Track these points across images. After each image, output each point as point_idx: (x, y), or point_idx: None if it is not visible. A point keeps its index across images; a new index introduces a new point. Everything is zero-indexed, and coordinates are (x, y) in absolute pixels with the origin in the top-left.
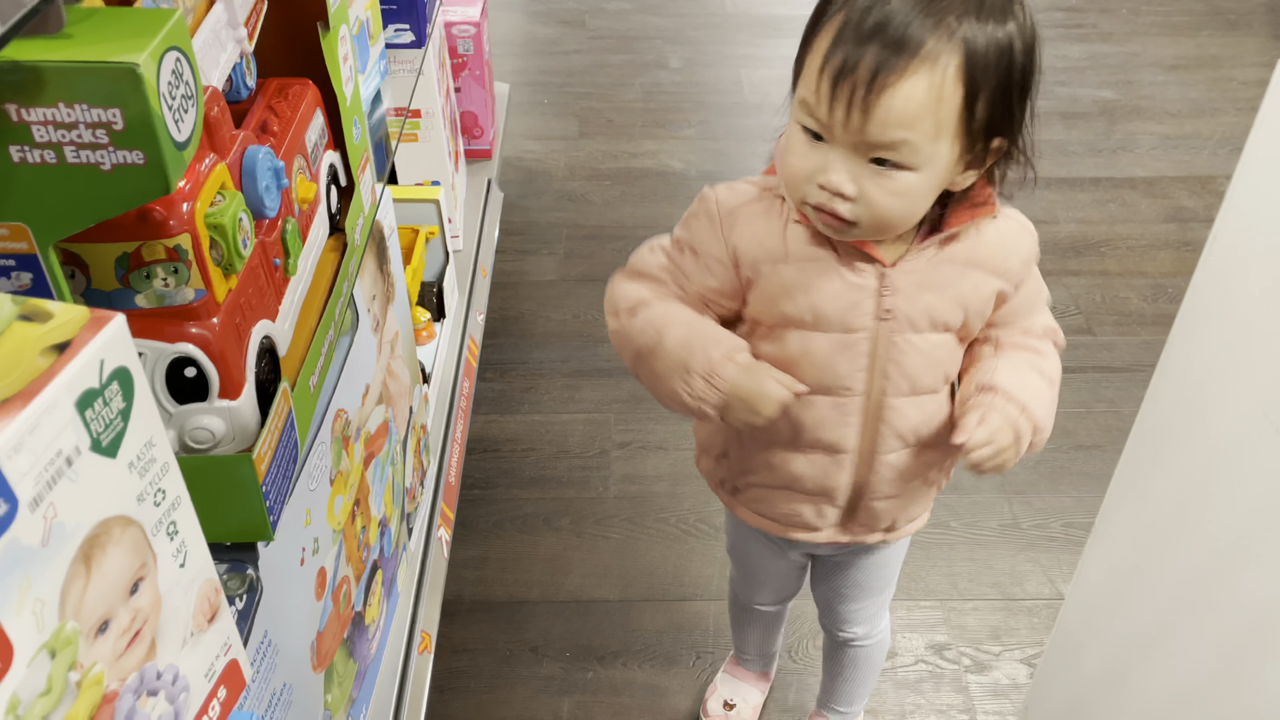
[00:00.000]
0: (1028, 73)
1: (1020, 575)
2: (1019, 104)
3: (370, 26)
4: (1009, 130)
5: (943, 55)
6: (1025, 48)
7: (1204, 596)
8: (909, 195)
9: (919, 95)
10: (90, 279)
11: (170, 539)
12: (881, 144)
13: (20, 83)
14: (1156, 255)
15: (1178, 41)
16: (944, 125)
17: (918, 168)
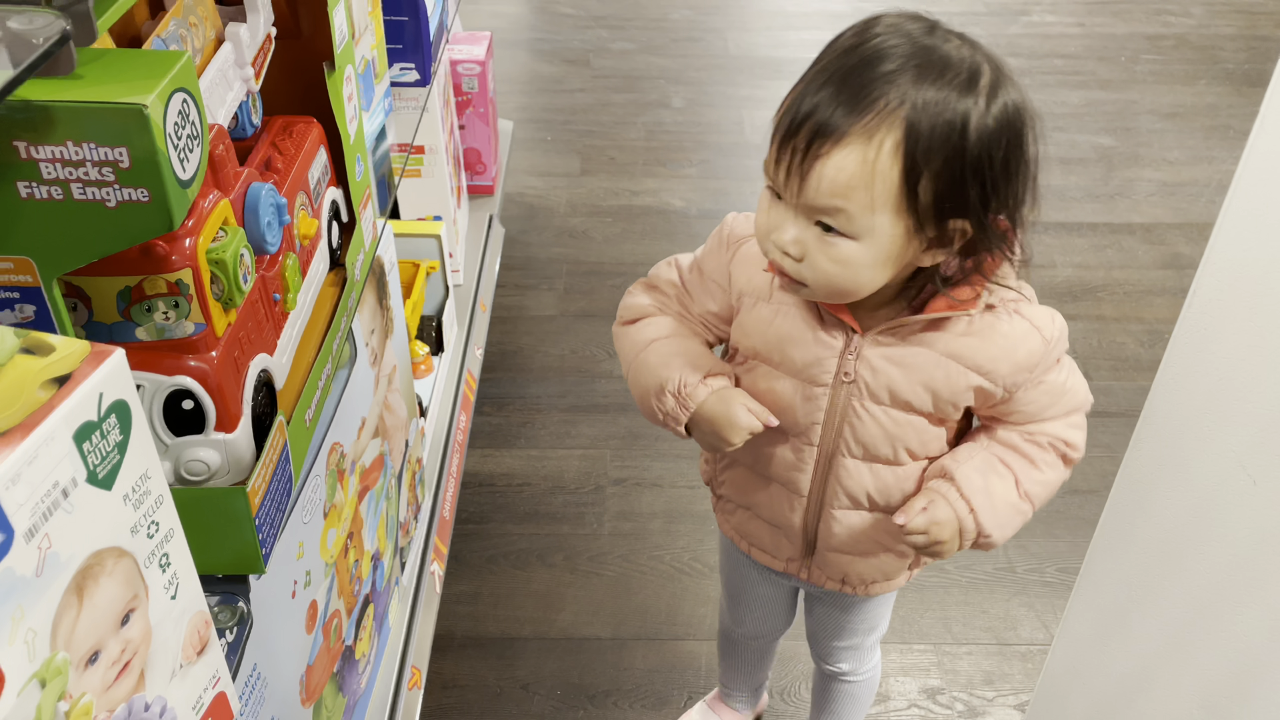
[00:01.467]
0: (989, 155)
1: (1014, 620)
2: (976, 187)
3: (376, 65)
4: (967, 213)
5: (880, 129)
6: (987, 130)
7: (1186, 643)
8: (851, 264)
9: (851, 167)
10: (92, 311)
11: (162, 571)
12: (819, 209)
13: (30, 121)
14: (1153, 301)
15: (1175, 90)
16: (880, 199)
17: (858, 237)
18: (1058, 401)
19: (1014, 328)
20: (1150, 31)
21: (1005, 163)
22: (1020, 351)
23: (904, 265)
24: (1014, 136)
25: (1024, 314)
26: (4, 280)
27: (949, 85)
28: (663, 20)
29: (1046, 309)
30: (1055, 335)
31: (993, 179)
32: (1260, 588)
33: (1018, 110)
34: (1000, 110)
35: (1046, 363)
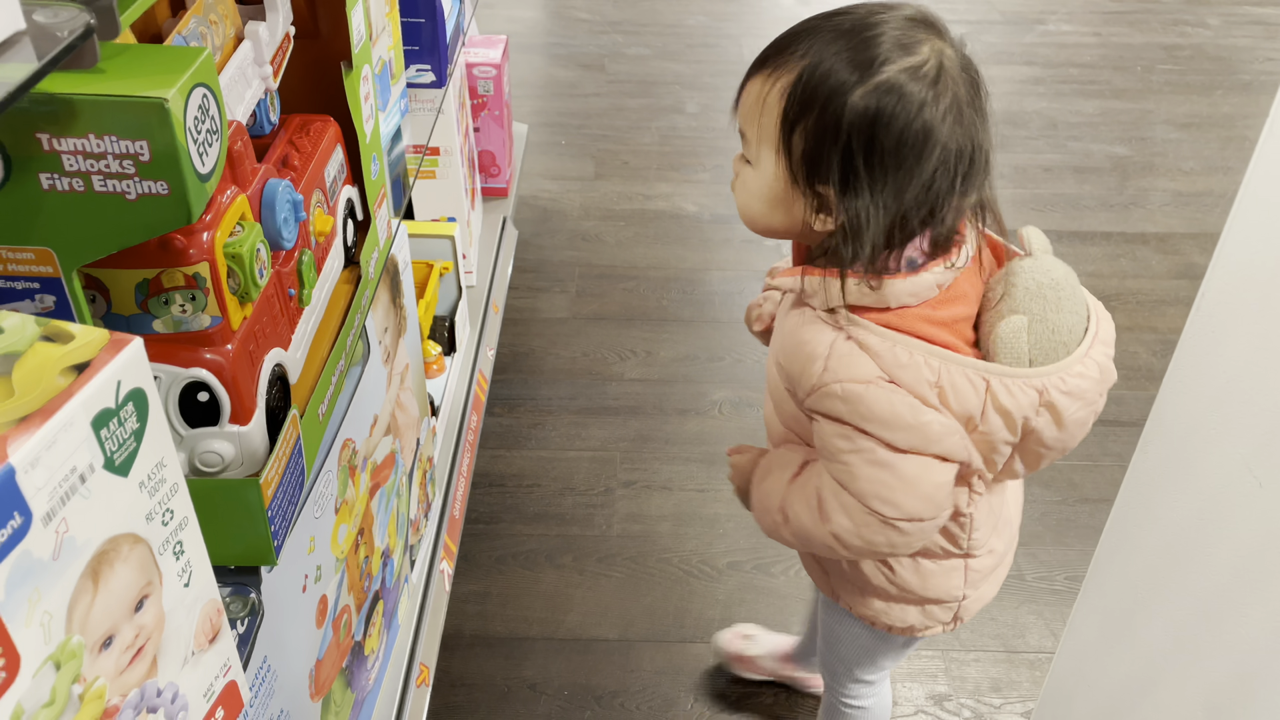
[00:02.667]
0: (854, 133)
1: (1023, 627)
2: (837, 157)
3: (393, 66)
4: (830, 181)
5: (781, 70)
6: (858, 108)
7: (1191, 647)
8: (746, 188)
9: (752, 96)
10: (110, 303)
11: (176, 558)
12: (740, 132)
13: (53, 113)
14: (1167, 311)
15: (1191, 99)
16: (765, 132)
17: (754, 163)
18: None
19: (814, 340)
20: (1167, 41)
21: (866, 152)
22: (796, 352)
23: (798, 220)
24: (894, 137)
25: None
26: (25, 270)
27: (855, 57)
28: (678, 26)
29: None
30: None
31: (852, 158)
32: (1266, 590)
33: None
34: (886, 104)
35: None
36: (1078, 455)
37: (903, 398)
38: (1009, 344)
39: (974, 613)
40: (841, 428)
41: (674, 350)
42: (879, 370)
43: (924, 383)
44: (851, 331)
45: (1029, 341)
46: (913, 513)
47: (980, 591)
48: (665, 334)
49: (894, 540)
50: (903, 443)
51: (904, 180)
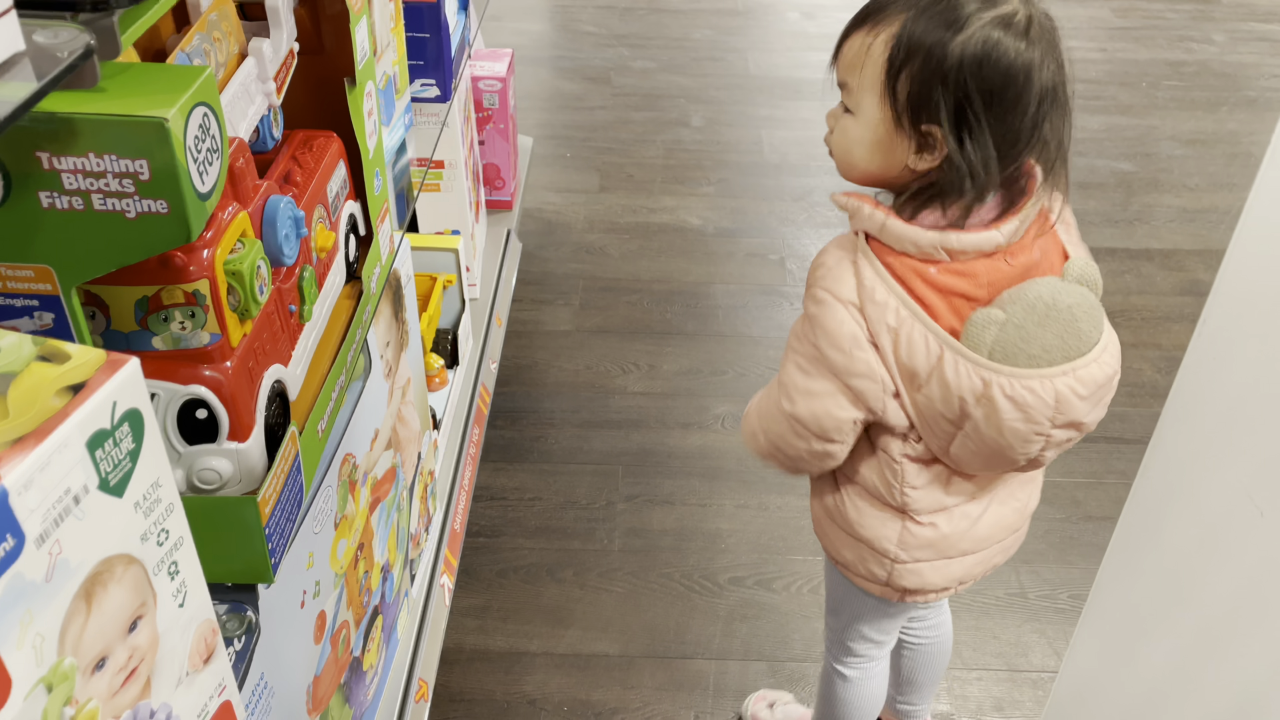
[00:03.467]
0: (964, 75)
1: (1025, 646)
2: (946, 96)
3: (398, 81)
4: (938, 120)
5: (883, 23)
6: (968, 53)
7: (1193, 673)
8: (846, 135)
9: (855, 48)
10: (110, 320)
11: (171, 579)
12: (839, 84)
13: (53, 132)
14: (1171, 328)
15: (1196, 116)
16: (869, 81)
17: (855, 112)
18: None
19: (833, 247)
20: (1172, 58)
21: (982, 92)
22: (822, 259)
23: (898, 162)
24: (996, 73)
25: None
26: (24, 288)
27: (957, 6)
28: (684, 40)
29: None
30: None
31: (963, 98)
32: (1267, 619)
33: (1009, 59)
34: (988, 46)
35: (809, 287)
36: (1081, 473)
37: (852, 328)
38: (974, 330)
39: (913, 589)
40: (800, 325)
41: (677, 364)
42: (855, 296)
43: (884, 324)
44: (859, 259)
45: (994, 337)
46: (801, 417)
47: (919, 569)
48: (668, 347)
49: (783, 433)
50: (833, 364)
51: (1008, 113)
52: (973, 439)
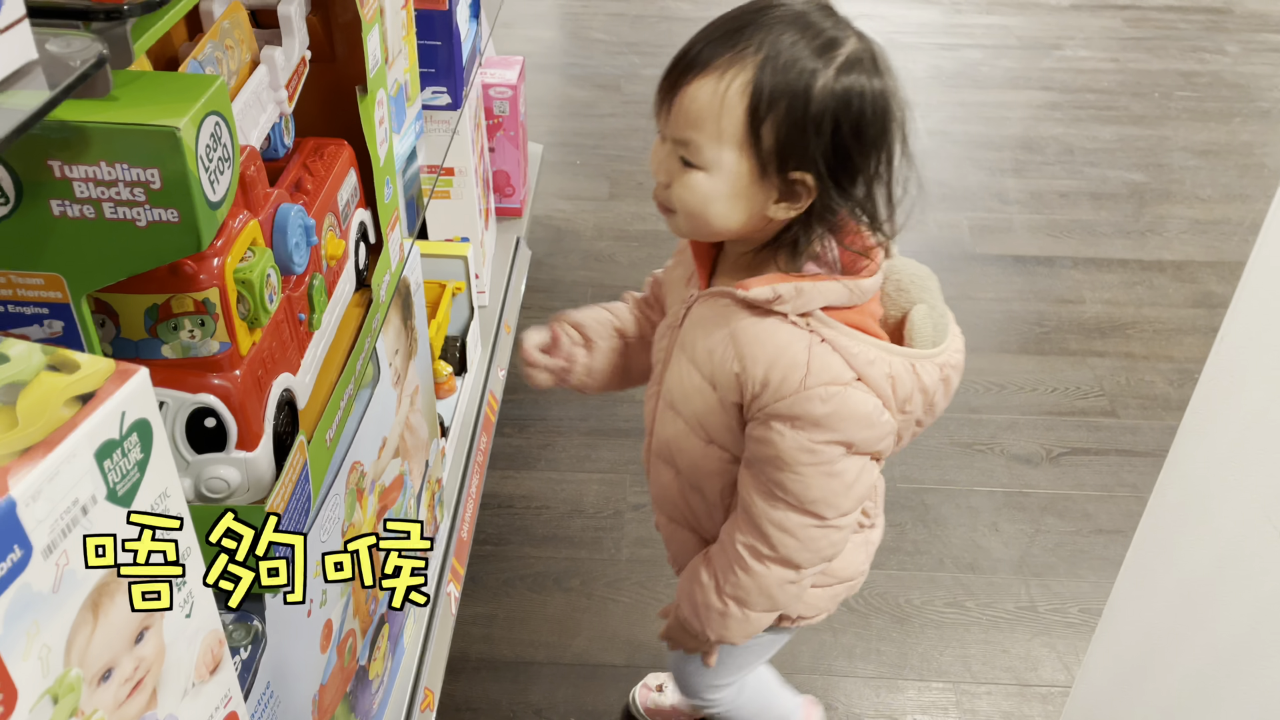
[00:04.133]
0: (832, 116)
1: (1035, 660)
2: (816, 140)
3: (409, 89)
4: (808, 166)
5: (733, 68)
6: (832, 93)
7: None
8: (699, 194)
9: (703, 98)
10: (120, 328)
11: (178, 590)
12: (679, 140)
13: (65, 141)
14: (1183, 340)
15: (1209, 127)
16: (726, 133)
17: (706, 169)
18: (768, 467)
19: (790, 346)
20: (1185, 68)
21: (853, 131)
22: (775, 360)
23: (757, 214)
24: (861, 113)
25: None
26: (34, 296)
27: (807, 45)
28: None
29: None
30: (815, 384)
31: (837, 140)
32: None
33: (872, 93)
34: (851, 85)
35: (790, 404)
36: (1092, 485)
37: (872, 398)
38: (922, 329)
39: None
40: (809, 437)
41: None
42: (851, 370)
43: (884, 378)
44: (824, 333)
45: (933, 326)
46: (847, 509)
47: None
48: None
49: (835, 540)
50: (861, 443)
51: (876, 148)
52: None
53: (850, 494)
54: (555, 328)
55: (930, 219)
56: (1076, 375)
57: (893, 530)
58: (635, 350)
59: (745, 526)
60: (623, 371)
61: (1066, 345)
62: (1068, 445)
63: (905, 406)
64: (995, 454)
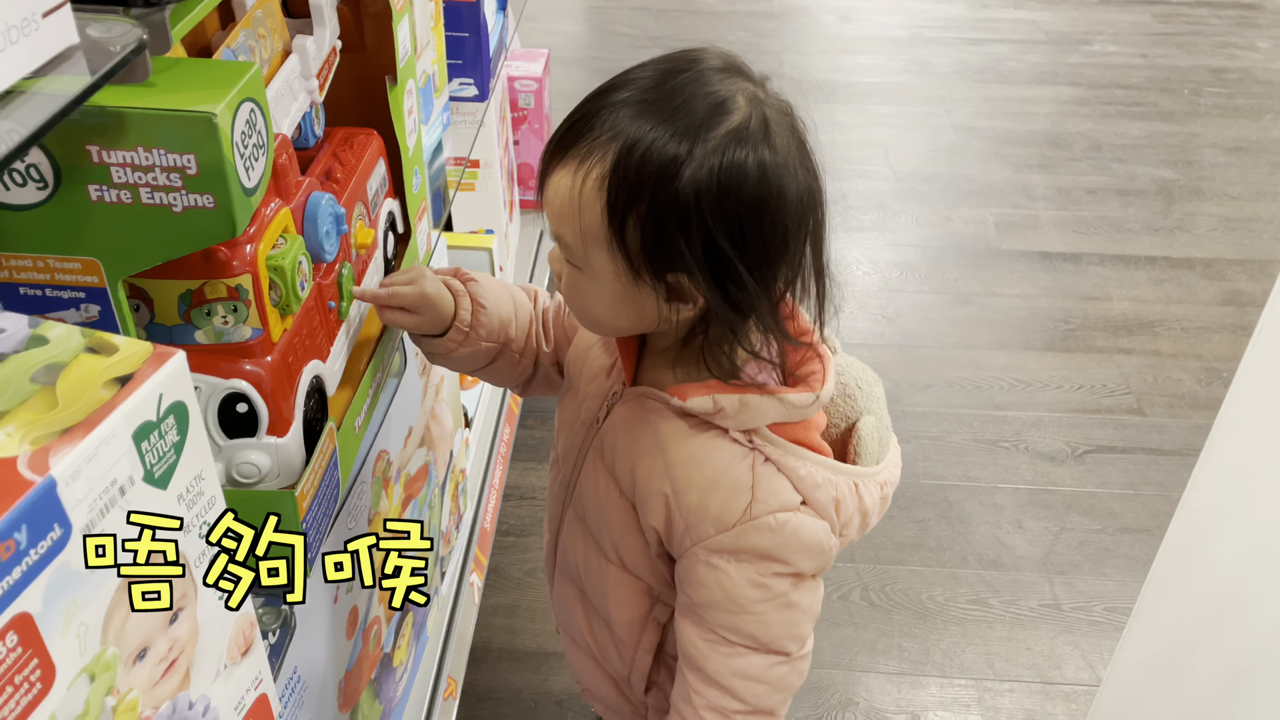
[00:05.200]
0: (703, 208)
1: (1059, 658)
2: (687, 240)
3: (436, 80)
4: (684, 268)
5: (591, 158)
6: (701, 180)
7: (1241, 693)
8: (579, 294)
9: (564, 192)
10: (154, 313)
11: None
12: (555, 235)
13: (103, 126)
14: (1212, 338)
15: (1239, 124)
16: (590, 233)
17: (582, 268)
18: (715, 612)
19: (731, 469)
20: (1215, 64)
21: (731, 227)
22: (714, 483)
23: (648, 315)
24: (740, 204)
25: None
26: (71, 280)
27: (674, 128)
28: (719, 42)
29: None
30: (761, 513)
31: (710, 239)
32: None
33: (756, 178)
34: (730, 165)
35: (734, 538)
36: (1118, 484)
37: (821, 523)
38: (869, 444)
39: None
40: (756, 570)
41: None
42: (796, 497)
43: (830, 501)
44: (769, 452)
45: (879, 440)
46: (808, 634)
47: None
48: None
49: (801, 669)
50: (810, 570)
51: (768, 241)
52: None
53: (810, 620)
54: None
55: (955, 215)
56: (1103, 373)
57: (915, 526)
58: (508, 361)
59: (702, 686)
60: (482, 369)
61: (1093, 343)
62: (1093, 443)
63: (844, 530)
64: (1020, 451)
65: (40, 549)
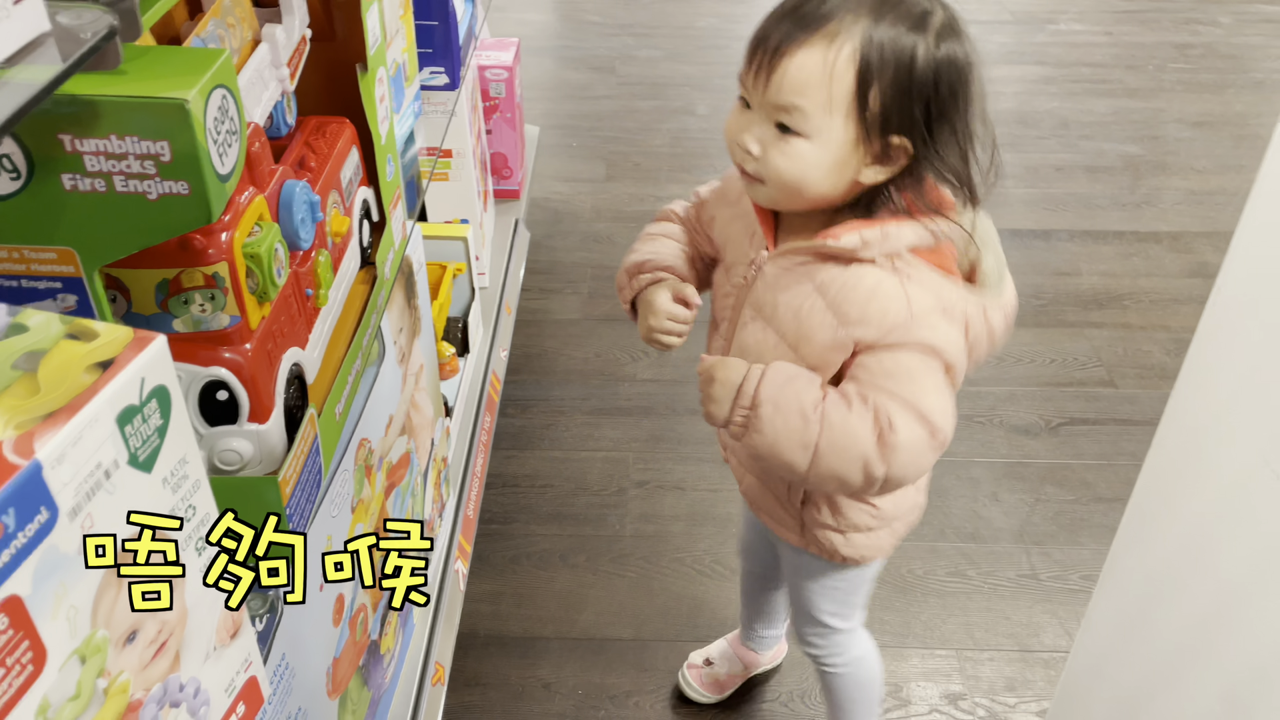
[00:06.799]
0: (934, 86)
1: (1037, 627)
2: (920, 106)
3: (406, 69)
4: (911, 133)
5: (840, 36)
6: (934, 59)
7: (1210, 639)
8: (802, 161)
9: (811, 65)
10: (131, 303)
11: (199, 554)
12: (780, 107)
13: (75, 115)
14: (1180, 309)
15: (1203, 98)
16: (836, 101)
17: (810, 136)
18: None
19: (882, 284)
20: (1178, 40)
21: (950, 95)
22: (886, 308)
23: (849, 179)
24: (958, 76)
25: (904, 279)
26: (47, 270)
27: (904, 16)
28: (688, 28)
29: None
30: (920, 312)
31: (939, 104)
32: None
33: (964, 59)
34: (948, 51)
35: (901, 333)
36: (1091, 455)
37: (955, 332)
38: (990, 276)
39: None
40: (920, 358)
41: (685, 350)
42: (940, 305)
43: (961, 318)
44: (910, 273)
45: (997, 276)
46: (947, 429)
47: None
48: None
49: (934, 454)
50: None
51: (966, 112)
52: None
53: (948, 418)
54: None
55: None
56: (1074, 346)
57: None
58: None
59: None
60: None
61: (1064, 317)
62: (1066, 415)
63: (974, 350)
64: (995, 425)
65: (28, 531)
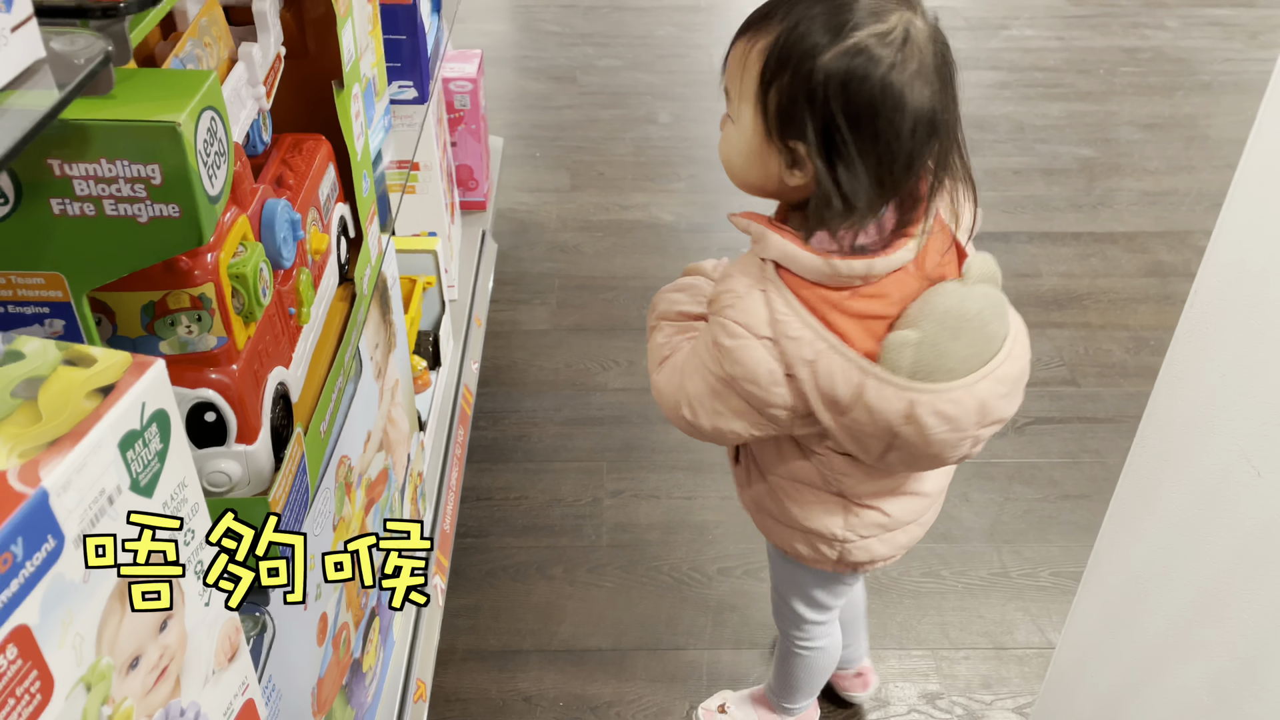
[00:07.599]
0: (827, 93)
1: (1010, 624)
2: (810, 115)
3: (376, 83)
4: (803, 138)
5: (761, 33)
6: (831, 70)
7: (1195, 632)
8: (727, 143)
9: (737, 54)
10: (116, 326)
11: (198, 576)
12: (724, 91)
13: (65, 139)
14: (1137, 308)
15: (1153, 101)
16: (746, 90)
17: (736, 121)
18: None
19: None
20: (1127, 44)
21: (849, 115)
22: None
23: (772, 176)
24: (861, 95)
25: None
26: (35, 296)
27: (829, 21)
28: (648, 37)
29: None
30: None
31: (829, 117)
32: (1266, 575)
33: (875, 78)
34: (857, 66)
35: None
36: (1057, 453)
37: (770, 364)
38: (891, 353)
39: (865, 562)
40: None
41: None
42: (769, 330)
43: (800, 359)
44: (768, 289)
45: (913, 358)
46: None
47: (869, 544)
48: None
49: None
50: (743, 392)
51: (874, 140)
52: (904, 451)
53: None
54: None
55: None
56: (1036, 347)
57: None
58: None
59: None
60: None
61: (1026, 318)
62: (1031, 415)
63: (844, 410)
64: None
65: (36, 560)
